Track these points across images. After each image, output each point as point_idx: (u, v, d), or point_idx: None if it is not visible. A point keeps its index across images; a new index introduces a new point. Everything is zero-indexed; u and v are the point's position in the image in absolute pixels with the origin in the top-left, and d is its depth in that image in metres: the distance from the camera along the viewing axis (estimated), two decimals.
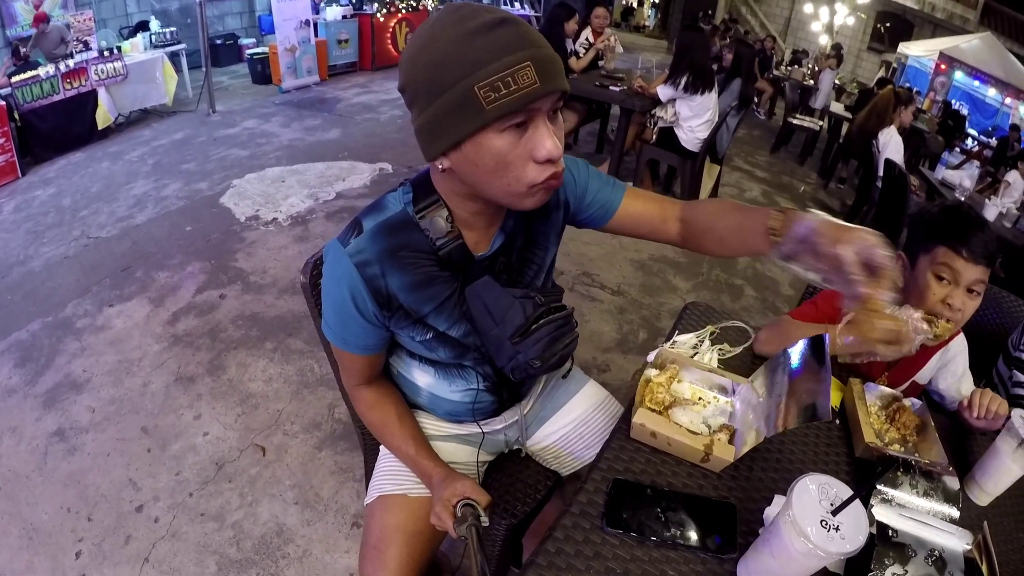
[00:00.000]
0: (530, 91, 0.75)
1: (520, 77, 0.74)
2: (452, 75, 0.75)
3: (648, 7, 19.55)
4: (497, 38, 0.74)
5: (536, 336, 0.96)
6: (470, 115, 0.75)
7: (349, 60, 8.06)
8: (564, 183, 1.06)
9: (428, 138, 0.81)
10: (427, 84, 0.77)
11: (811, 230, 0.77)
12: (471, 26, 0.75)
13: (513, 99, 0.74)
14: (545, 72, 0.76)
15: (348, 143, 5.42)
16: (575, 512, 0.93)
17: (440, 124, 0.78)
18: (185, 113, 6.13)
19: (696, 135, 4.07)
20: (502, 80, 0.73)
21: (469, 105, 0.75)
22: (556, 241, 1.12)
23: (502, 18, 0.76)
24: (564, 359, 1.02)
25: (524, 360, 0.97)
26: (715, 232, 1.02)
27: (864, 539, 0.72)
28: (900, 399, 1.21)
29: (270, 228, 3.81)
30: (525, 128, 0.79)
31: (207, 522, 1.93)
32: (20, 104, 4.50)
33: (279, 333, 2.81)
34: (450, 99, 0.75)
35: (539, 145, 0.79)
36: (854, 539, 0.72)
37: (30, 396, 2.41)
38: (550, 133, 0.80)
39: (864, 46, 16.05)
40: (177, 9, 7.62)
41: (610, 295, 3.34)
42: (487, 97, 0.74)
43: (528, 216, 1.03)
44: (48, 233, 3.69)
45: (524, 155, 0.80)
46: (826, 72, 7.90)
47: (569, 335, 1.01)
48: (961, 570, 0.85)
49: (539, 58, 0.75)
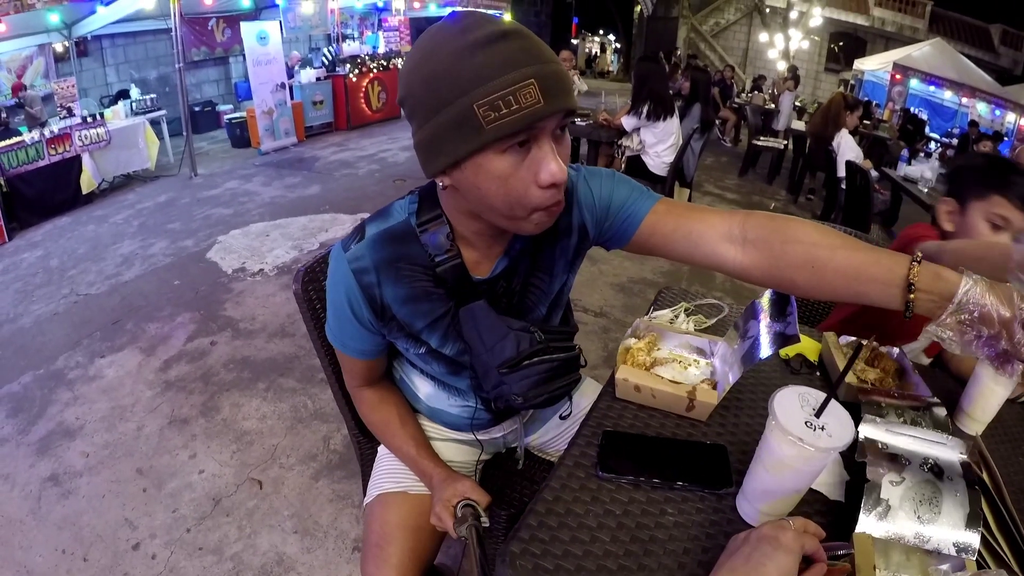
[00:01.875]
0: (533, 111, 0.70)
1: (523, 96, 0.69)
2: (451, 91, 0.70)
3: (611, 54, 20.35)
4: (499, 52, 0.70)
5: (525, 372, 0.94)
6: (468, 135, 0.71)
7: (325, 120, 8.32)
8: (579, 200, 0.98)
9: (427, 155, 0.78)
10: (426, 98, 0.73)
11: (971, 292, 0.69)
12: (472, 38, 0.70)
13: (514, 119, 0.70)
14: (550, 90, 0.71)
15: (329, 197, 5.55)
16: (568, 464, 0.93)
17: (438, 141, 0.74)
18: (168, 177, 6.24)
19: (663, 159, 4.28)
20: (503, 99, 0.69)
21: (468, 124, 0.70)
22: (567, 269, 1.03)
23: (506, 30, 0.71)
24: (553, 401, 1.00)
25: (508, 392, 0.96)
26: (824, 271, 0.80)
27: (851, 434, 0.74)
28: (877, 347, 1.24)
29: (257, 278, 3.87)
30: (528, 149, 0.74)
31: (205, 556, 1.93)
32: (5, 169, 4.58)
33: (271, 374, 2.85)
34: (449, 116, 0.71)
35: (542, 168, 0.74)
36: (841, 436, 0.73)
37: (23, 444, 2.41)
38: (554, 155, 0.75)
39: (821, 67, 16.74)
40: (156, 78, 7.85)
41: (593, 317, 3.43)
42: (487, 116, 0.69)
43: (536, 240, 0.97)
44: (37, 292, 3.72)
45: (527, 178, 0.75)
46: (785, 94, 8.22)
47: (565, 378, 0.99)
48: (959, 475, 0.81)
49: (544, 75, 0.70)
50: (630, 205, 0.95)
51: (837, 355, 1.21)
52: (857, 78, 14.78)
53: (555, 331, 0.99)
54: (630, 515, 0.86)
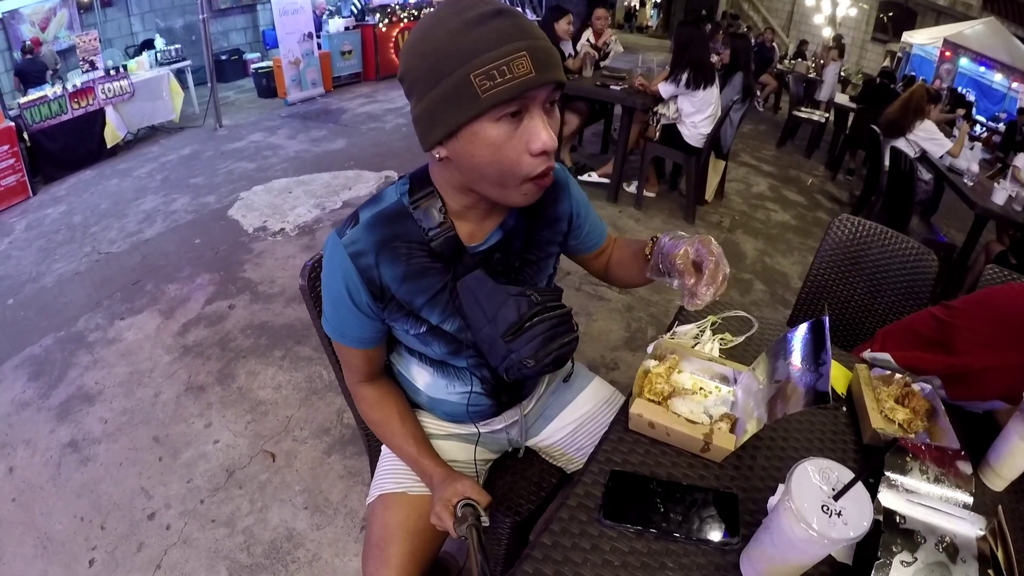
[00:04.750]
0: (525, 80, 0.76)
1: (516, 66, 0.75)
2: (449, 64, 0.76)
3: (650, 8, 19.51)
4: (494, 27, 0.76)
5: (530, 334, 0.95)
6: (466, 103, 0.76)
7: (353, 71, 8.12)
8: (572, 195, 1.12)
9: (425, 126, 0.82)
10: (424, 73, 0.79)
11: (663, 243, 0.91)
12: (469, 16, 0.76)
13: (509, 87, 0.75)
14: (541, 62, 0.77)
15: (354, 152, 5.45)
16: (572, 505, 0.91)
17: (436, 112, 0.79)
18: (192, 129, 6.20)
19: (699, 131, 4.05)
20: (497, 68, 0.74)
21: (465, 93, 0.76)
22: (559, 251, 1.14)
23: (499, 9, 0.77)
24: (561, 360, 1.00)
25: (517, 359, 0.96)
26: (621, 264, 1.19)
27: (868, 524, 0.69)
28: (909, 384, 1.17)
29: (278, 238, 3.83)
30: (520, 119, 0.79)
31: (218, 528, 1.94)
32: (29, 125, 4.57)
33: (288, 341, 2.83)
34: (446, 87, 0.76)
35: (534, 136, 0.80)
36: (857, 524, 0.69)
37: (43, 409, 2.44)
38: (545, 125, 0.81)
39: (868, 37, 15.90)
40: (182, 27, 7.72)
41: (617, 294, 3.32)
42: (482, 85, 0.75)
43: (532, 219, 1.04)
44: (59, 250, 3.74)
45: (519, 146, 0.80)
46: (830, 65, 7.85)
47: (566, 335, 1.00)
48: (974, 556, 0.81)
49: (535, 48, 0.77)
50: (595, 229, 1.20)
51: (867, 393, 1.14)
52: (904, 51, 13.94)
53: (546, 292, 1.02)
54: (628, 567, 0.81)
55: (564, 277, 3.28)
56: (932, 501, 0.89)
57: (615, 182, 4.55)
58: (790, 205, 5.10)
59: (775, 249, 4.17)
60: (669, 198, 4.79)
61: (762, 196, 5.21)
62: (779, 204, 5.07)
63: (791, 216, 4.84)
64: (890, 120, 4.14)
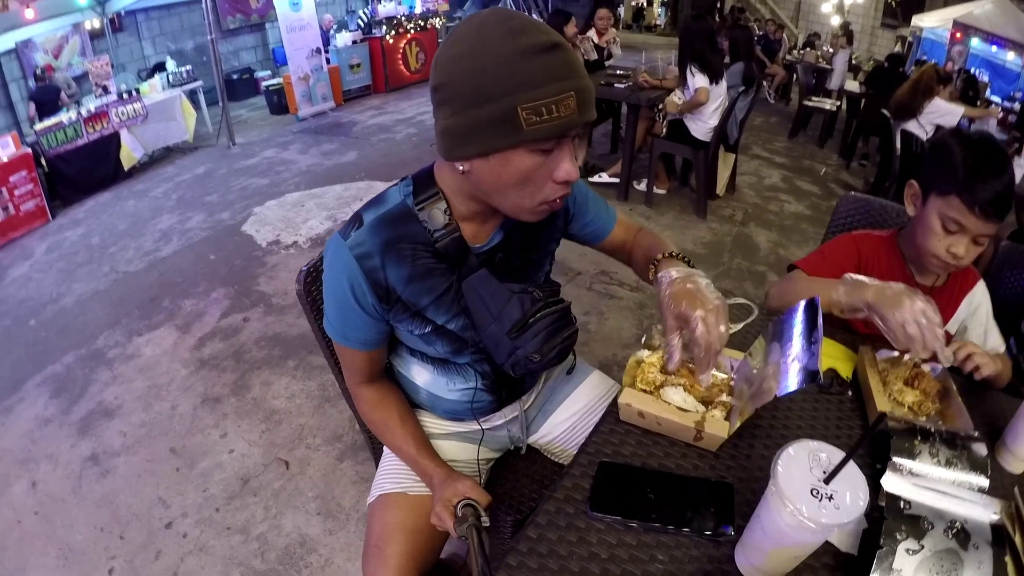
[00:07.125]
0: (569, 120, 0.77)
1: (563, 106, 0.75)
2: (497, 89, 0.75)
3: (658, 6, 19.42)
4: (548, 63, 0.75)
5: (534, 330, 0.96)
6: (507, 132, 0.77)
7: (363, 83, 8.21)
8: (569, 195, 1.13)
9: (456, 141, 0.82)
10: (469, 91, 0.77)
11: (661, 283, 0.91)
12: (523, 44, 0.75)
13: (552, 126, 0.76)
14: (584, 103, 0.78)
15: (365, 164, 5.51)
16: (559, 497, 0.89)
17: (473, 133, 0.79)
18: (206, 148, 6.31)
19: (708, 124, 4.02)
20: (546, 106, 0.75)
21: (509, 122, 0.76)
22: (557, 243, 1.16)
23: (554, 42, 0.77)
24: (564, 353, 1.01)
25: (523, 355, 0.96)
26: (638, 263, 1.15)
27: (864, 507, 0.65)
28: (919, 365, 1.12)
29: (291, 251, 3.88)
30: (551, 150, 0.81)
31: (233, 535, 1.96)
32: (46, 150, 4.70)
33: (301, 351, 2.86)
34: (490, 112, 0.76)
35: (560, 167, 0.82)
36: (851, 509, 0.65)
37: (65, 424, 2.49)
38: (571, 156, 0.83)
39: (877, 23, 15.64)
40: (193, 48, 7.88)
41: (628, 291, 3.31)
42: (528, 119, 0.75)
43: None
44: (79, 271, 3.83)
45: (545, 175, 0.82)
46: (840, 53, 7.75)
47: (568, 328, 1.01)
48: (988, 542, 0.75)
49: (582, 89, 0.77)
50: (601, 217, 1.18)
51: (872, 376, 1.09)
52: (915, 35, 13.68)
53: (546, 288, 1.04)
54: (616, 560, 0.79)
55: (575, 277, 3.28)
56: (942, 485, 0.84)
57: (624, 180, 4.54)
58: (804, 195, 5.03)
59: (789, 240, 4.12)
60: (680, 194, 4.76)
61: (775, 188, 5.15)
62: (792, 195, 5.00)
63: (805, 206, 4.78)
64: (900, 103, 4.09)
